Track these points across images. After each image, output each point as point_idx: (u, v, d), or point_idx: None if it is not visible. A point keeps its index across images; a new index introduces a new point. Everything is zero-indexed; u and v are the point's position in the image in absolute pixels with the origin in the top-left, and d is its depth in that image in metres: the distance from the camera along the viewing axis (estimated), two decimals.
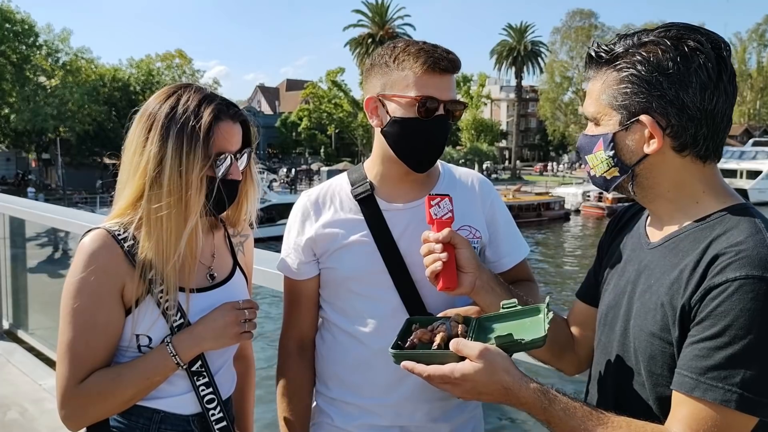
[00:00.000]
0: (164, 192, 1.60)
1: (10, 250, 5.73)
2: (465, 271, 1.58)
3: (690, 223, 1.31)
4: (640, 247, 1.43)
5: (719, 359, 1.14)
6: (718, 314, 1.15)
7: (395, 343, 1.42)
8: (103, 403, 1.63)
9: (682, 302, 1.22)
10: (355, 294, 1.84)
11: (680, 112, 1.26)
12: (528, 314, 1.48)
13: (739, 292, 1.14)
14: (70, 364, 1.60)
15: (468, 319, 1.51)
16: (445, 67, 1.71)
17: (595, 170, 1.41)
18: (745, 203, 1.32)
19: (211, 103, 1.66)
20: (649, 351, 1.29)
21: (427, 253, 1.57)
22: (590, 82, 1.39)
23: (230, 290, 1.82)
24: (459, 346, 1.32)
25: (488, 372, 1.27)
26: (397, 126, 1.74)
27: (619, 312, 1.41)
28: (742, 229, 1.22)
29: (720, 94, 1.26)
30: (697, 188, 1.33)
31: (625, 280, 1.43)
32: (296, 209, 1.94)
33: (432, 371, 1.31)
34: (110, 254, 1.63)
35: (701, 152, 1.29)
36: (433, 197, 1.60)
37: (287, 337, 1.96)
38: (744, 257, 1.16)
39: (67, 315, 1.61)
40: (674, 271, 1.27)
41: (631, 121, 1.30)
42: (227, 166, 1.68)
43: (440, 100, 1.72)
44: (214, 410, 1.75)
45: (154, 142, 1.61)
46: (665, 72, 1.25)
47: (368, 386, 1.84)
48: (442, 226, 1.58)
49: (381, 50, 1.79)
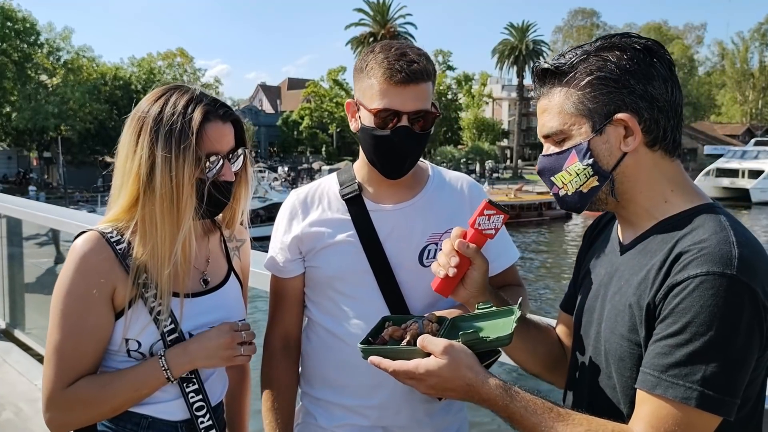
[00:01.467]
0: (157, 197, 1.58)
1: (7, 250, 5.72)
2: (466, 288, 1.54)
3: (658, 223, 1.32)
4: (613, 251, 1.43)
5: (680, 356, 1.14)
6: (679, 311, 1.15)
7: (365, 339, 1.43)
8: (88, 411, 1.62)
9: (648, 301, 1.22)
10: (339, 294, 1.84)
11: (651, 105, 1.27)
12: (501, 315, 1.47)
13: (699, 289, 1.13)
14: (57, 367, 1.59)
15: (442, 319, 1.50)
16: (401, 79, 1.66)
17: (566, 188, 1.37)
18: (712, 202, 1.32)
19: (200, 104, 1.63)
20: (618, 353, 1.29)
21: (447, 253, 1.51)
22: (544, 99, 1.36)
23: (223, 296, 1.80)
24: (424, 342, 1.33)
25: (452, 368, 1.28)
26: (365, 133, 1.76)
27: (592, 316, 1.42)
28: (707, 228, 1.22)
29: (677, 87, 1.30)
30: (666, 186, 1.33)
31: (597, 284, 1.43)
32: (285, 207, 1.94)
33: (397, 366, 1.32)
34: (102, 257, 1.61)
35: (669, 146, 1.31)
36: (490, 207, 1.50)
37: (272, 336, 1.96)
38: (706, 254, 1.16)
39: (56, 317, 1.60)
40: (642, 272, 1.27)
41: (605, 123, 1.29)
42: (218, 168, 1.65)
43: (402, 112, 1.69)
44: (203, 417, 1.72)
45: (144, 147, 1.60)
46: (628, 69, 1.27)
47: (353, 387, 1.84)
48: (477, 238, 1.51)
49: (362, 54, 1.80)
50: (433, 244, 1.83)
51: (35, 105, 45.92)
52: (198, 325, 1.71)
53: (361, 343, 1.41)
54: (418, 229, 1.84)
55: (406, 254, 1.82)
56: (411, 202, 1.86)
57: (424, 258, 1.82)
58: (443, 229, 1.82)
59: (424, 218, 1.85)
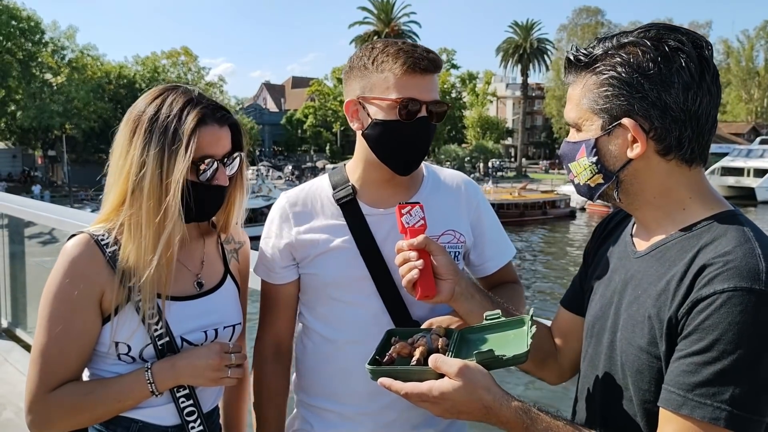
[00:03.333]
0: (144, 196, 1.57)
1: (9, 249, 5.71)
2: (443, 279, 1.52)
3: (676, 231, 1.27)
4: (627, 256, 1.38)
5: (707, 375, 1.10)
6: (706, 328, 1.11)
7: (373, 358, 1.37)
8: (71, 417, 1.61)
9: (669, 315, 1.17)
10: (335, 300, 1.80)
11: (663, 113, 1.22)
12: (511, 326, 1.42)
13: (727, 305, 1.09)
14: (41, 370, 1.58)
15: (450, 332, 1.45)
16: (425, 66, 1.65)
17: (578, 178, 1.36)
18: (733, 210, 1.27)
19: (196, 107, 1.61)
20: (636, 365, 1.24)
21: (402, 263, 1.51)
22: (570, 87, 1.35)
23: (218, 299, 1.77)
24: (438, 363, 1.27)
25: (468, 390, 1.23)
26: (378, 129, 1.69)
27: (606, 324, 1.36)
28: (730, 238, 1.17)
29: (704, 95, 1.22)
30: (684, 194, 1.28)
31: (611, 290, 1.38)
32: (275, 211, 1.90)
33: (410, 389, 1.27)
34: (91, 261, 1.60)
35: (686, 155, 1.25)
36: (403, 206, 1.55)
37: (263, 342, 1.92)
38: (732, 268, 1.12)
39: (43, 320, 1.59)
40: (661, 282, 1.22)
41: (613, 125, 1.26)
42: (212, 171, 1.63)
43: (422, 101, 1.67)
44: (194, 423, 1.70)
45: (137, 146, 1.59)
46: (646, 73, 1.21)
47: (350, 394, 1.80)
48: (414, 234, 1.53)
49: (359, 52, 1.75)
50: None
51: (40, 103, 45.98)
52: (191, 329, 1.69)
53: (369, 363, 1.35)
54: None
55: None
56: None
57: None
58: (440, 230, 1.78)
59: None
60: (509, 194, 41.19)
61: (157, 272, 1.59)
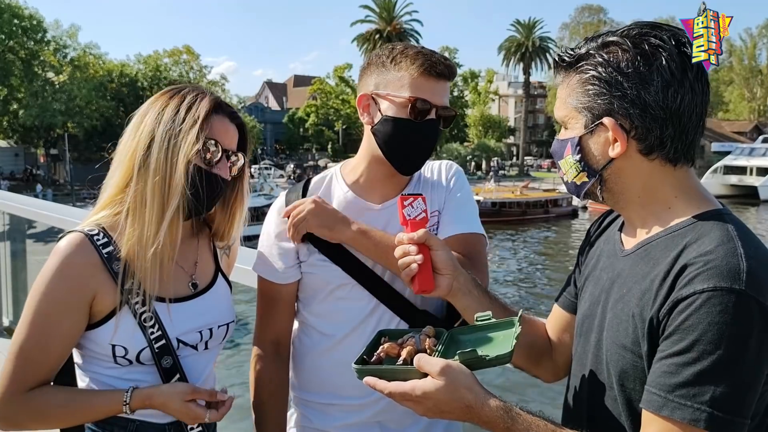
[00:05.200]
0: (150, 173, 1.57)
1: (10, 248, 5.70)
2: (441, 273, 1.50)
3: (662, 230, 1.27)
4: (615, 254, 1.38)
5: (687, 376, 1.09)
6: (686, 328, 1.10)
7: (360, 358, 1.37)
8: (39, 423, 1.61)
9: (651, 315, 1.17)
10: (333, 297, 1.83)
11: (643, 112, 1.22)
12: (501, 327, 1.42)
13: (707, 305, 1.08)
14: (19, 370, 1.55)
15: (440, 332, 1.44)
16: (441, 71, 1.72)
17: (566, 175, 1.37)
18: (720, 209, 1.26)
19: (211, 97, 1.66)
20: (620, 364, 1.24)
21: (401, 255, 1.50)
22: (559, 86, 1.37)
23: (212, 298, 1.77)
24: (421, 362, 1.27)
25: (449, 390, 1.23)
26: (388, 125, 1.73)
27: (593, 322, 1.37)
28: (713, 237, 1.16)
29: (685, 92, 1.21)
30: (669, 193, 1.28)
31: (599, 289, 1.38)
32: (275, 210, 1.90)
33: (393, 388, 1.27)
34: (85, 262, 1.58)
35: (670, 155, 1.25)
36: (405, 197, 1.53)
37: (262, 339, 1.92)
38: (712, 267, 1.11)
39: (28, 317, 1.55)
40: (645, 281, 1.22)
41: (595, 123, 1.27)
42: (217, 156, 1.64)
43: (433, 104, 1.71)
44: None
45: (146, 125, 1.61)
46: (625, 72, 1.22)
47: (348, 387, 1.81)
48: (416, 226, 1.51)
49: (379, 50, 1.80)
50: None
51: (42, 102, 46.05)
52: (186, 330, 1.68)
53: (356, 362, 1.36)
54: None
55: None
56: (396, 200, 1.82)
57: None
58: (430, 222, 1.79)
59: None
60: (511, 193, 41.17)
61: (158, 273, 1.58)
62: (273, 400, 1.89)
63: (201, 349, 1.72)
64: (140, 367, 1.62)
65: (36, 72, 47.49)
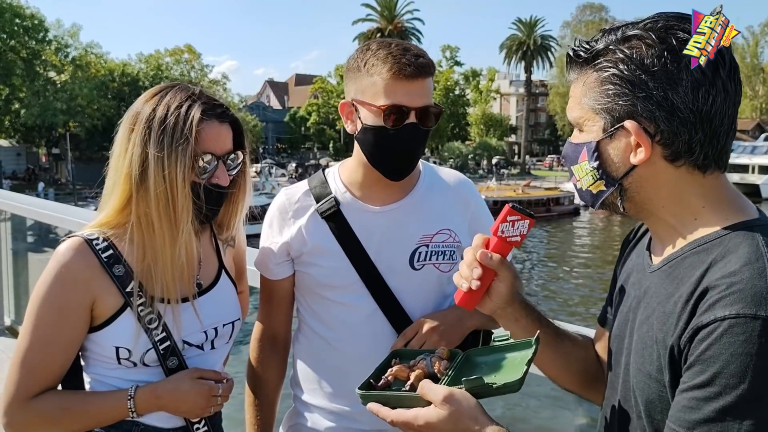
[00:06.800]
0: (152, 197, 1.53)
1: (12, 247, 5.71)
2: (491, 299, 1.35)
3: (686, 244, 1.15)
4: (643, 269, 1.26)
5: (709, 412, 0.99)
6: (707, 359, 1.00)
7: (366, 381, 1.31)
8: (47, 428, 1.60)
9: (672, 342, 1.07)
10: (329, 300, 1.80)
11: (670, 115, 1.09)
12: (520, 348, 1.33)
13: (728, 334, 0.98)
14: (23, 376, 1.55)
15: (454, 353, 1.37)
16: (411, 73, 1.61)
17: (581, 183, 1.24)
18: (752, 219, 1.13)
19: (195, 102, 1.57)
20: (646, 393, 1.14)
21: (466, 265, 1.34)
22: (573, 84, 1.22)
23: (216, 297, 1.74)
24: (424, 390, 1.21)
25: (453, 419, 1.16)
26: (368, 134, 1.68)
27: (622, 344, 1.26)
28: (740, 255, 1.04)
29: (717, 92, 1.09)
30: (696, 203, 1.15)
31: (627, 307, 1.27)
32: (274, 207, 1.89)
33: (395, 416, 1.21)
34: (84, 266, 1.56)
35: (698, 161, 1.12)
36: (514, 212, 1.32)
37: (259, 333, 1.94)
38: (735, 291, 1.00)
39: (29, 324, 1.54)
40: (669, 303, 1.11)
41: (615, 127, 1.14)
42: (212, 169, 1.59)
43: (410, 108, 1.63)
44: (198, 424, 1.68)
45: (135, 144, 1.55)
46: (650, 70, 1.09)
47: (344, 392, 1.79)
48: (501, 245, 1.32)
49: (355, 53, 1.73)
50: (424, 246, 1.78)
51: (44, 101, 46.05)
52: (191, 330, 1.67)
53: (360, 387, 1.29)
54: (408, 232, 1.78)
55: (397, 258, 1.76)
56: (399, 203, 1.79)
57: (415, 261, 1.77)
58: (435, 230, 1.77)
59: (413, 220, 1.79)
60: (513, 191, 41.16)
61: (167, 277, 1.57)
62: (264, 393, 1.91)
63: (207, 348, 1.70)
64: (145, 368, 1.61)
65: (38, 71, 47.47)
